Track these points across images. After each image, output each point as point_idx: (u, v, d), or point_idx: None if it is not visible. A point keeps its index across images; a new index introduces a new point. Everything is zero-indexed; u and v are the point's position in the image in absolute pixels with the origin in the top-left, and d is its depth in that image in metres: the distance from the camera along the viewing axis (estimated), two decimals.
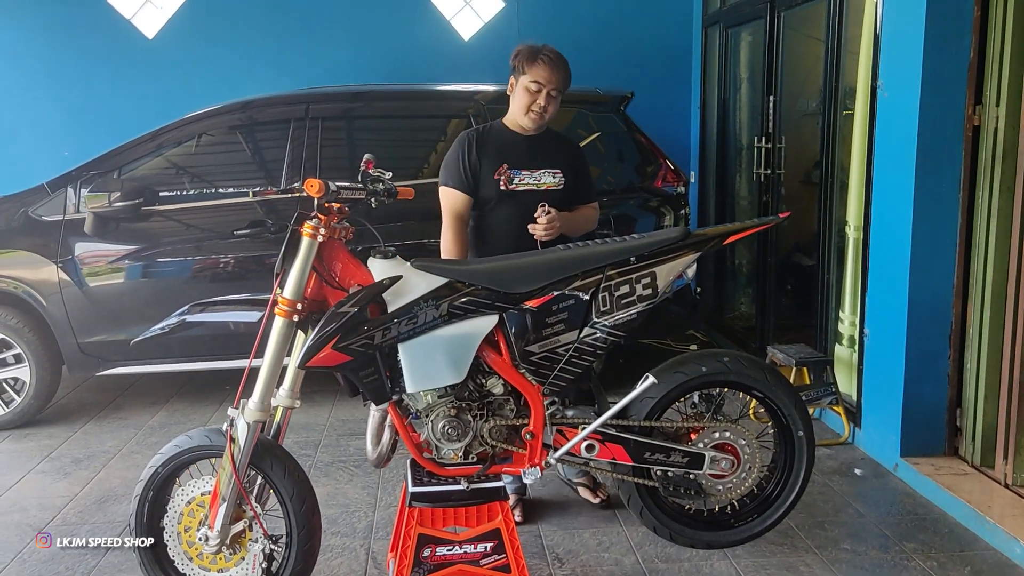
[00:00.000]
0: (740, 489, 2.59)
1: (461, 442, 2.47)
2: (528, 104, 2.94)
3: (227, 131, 4.56)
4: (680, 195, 4.72)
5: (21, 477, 3.75)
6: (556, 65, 2.92)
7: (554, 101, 2.95)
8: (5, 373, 4.33)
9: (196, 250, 4.37)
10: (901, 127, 3.52)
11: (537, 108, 2.94)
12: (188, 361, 4.36)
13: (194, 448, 2.49)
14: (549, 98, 2.93)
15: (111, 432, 4.30)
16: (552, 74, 2.91)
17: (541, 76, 2.90)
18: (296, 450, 3.96)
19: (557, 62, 2.92)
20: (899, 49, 3.53)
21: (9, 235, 4.38)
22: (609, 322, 2.44)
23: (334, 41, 6.16)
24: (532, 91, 2.92)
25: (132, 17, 6.05)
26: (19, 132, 6.04)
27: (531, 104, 2.94)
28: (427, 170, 4.62)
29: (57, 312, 4.28)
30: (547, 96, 2.93)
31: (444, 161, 3.05)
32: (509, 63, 2.99)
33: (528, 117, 2.96)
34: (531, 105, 2.94)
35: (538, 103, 2.93)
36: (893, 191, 3.61)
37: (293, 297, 2.36)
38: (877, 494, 3.50)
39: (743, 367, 2.54)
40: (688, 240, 2.48)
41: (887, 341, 3.71)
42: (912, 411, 3.60)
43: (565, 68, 2.95)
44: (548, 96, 2.93)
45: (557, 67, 2.92)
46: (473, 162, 2.97)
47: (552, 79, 2.91)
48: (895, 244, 3.61)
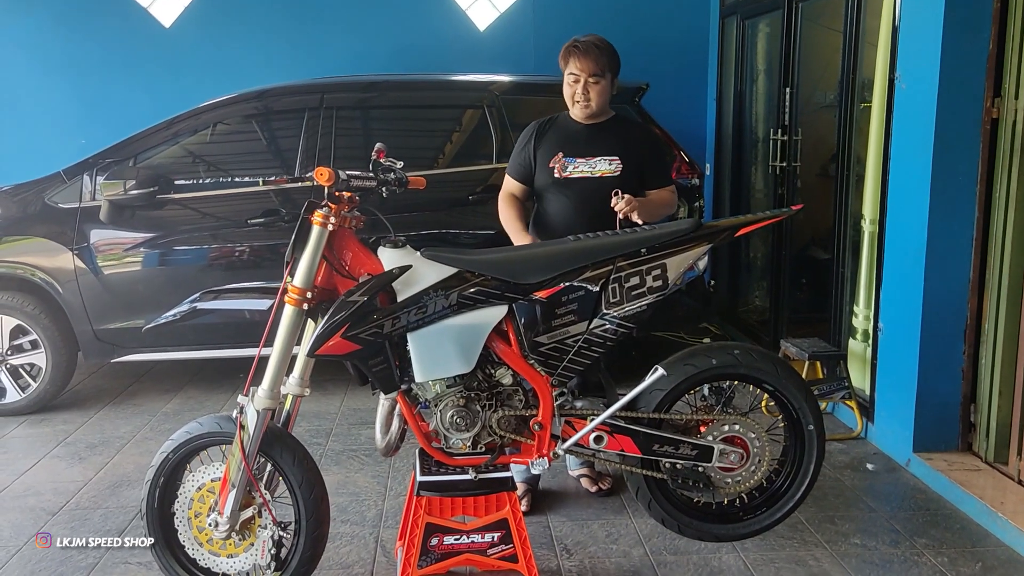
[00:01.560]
0: (749, 482, 2.58)
1: (470, 432, 2.47)
2: (571, 95, 3.00)
3: (242, 120, 4.58)
4: (695, 187, 4.69)
5: (36, 462, 3.79)
6: (587, 53, 2.94)
7: (595, 87, 2.97)
8: (21, 359, 4.37)
9: (211, 238, 4.38)
10: (918, 119, 3.49)
11: (579, 98, 2.98)
12: (202, 348, 4.37)
13: (205, 435, 2.51)
14: (589, 85, 2.96)
15: (125, 418, 4.34)
16: (584, 62, 2.94)
17: (575, 67, 2.96)
18: (308, 438, 3.99)
19: (588, 49, 2.95)
20: (917, 40, 3.49)
21: (26, 222, 4.41)
22: (619, 313, 2.43)
23: (350, 31, 6.15)
24: (571, 83, 2.99)
25: (149, 6, 6.07)
26: (37, 120, 6.07)
27: (573, 95, 2.99)
28: (441, 160, 4.64)
29: (73, 299, 4.32)
30: (586, 84, 2.96)
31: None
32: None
33: (575, 108, 3.02)
34: (574, 95, 2.99)
35: (578, 93, 2.98)
36: (909, 184, 3.58)
37: (303, 285, 2.37)
38: (889, 489, 3.48)
39: (753, 360, 2.53)
40: (699, 232, 2.46)
41: (901, 336, 3.68)
42: (925, 406, 3.57)
43: (597, 52, 2.95)
44: (587, 84, 2.96)
45: (588, 54, 2.94)
46: (531, 152, 3.08)
47: (585, 67, 2.94)
48: (911, 238, 3.58)
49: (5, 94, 6.07)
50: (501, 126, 4.47)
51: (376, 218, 2.60)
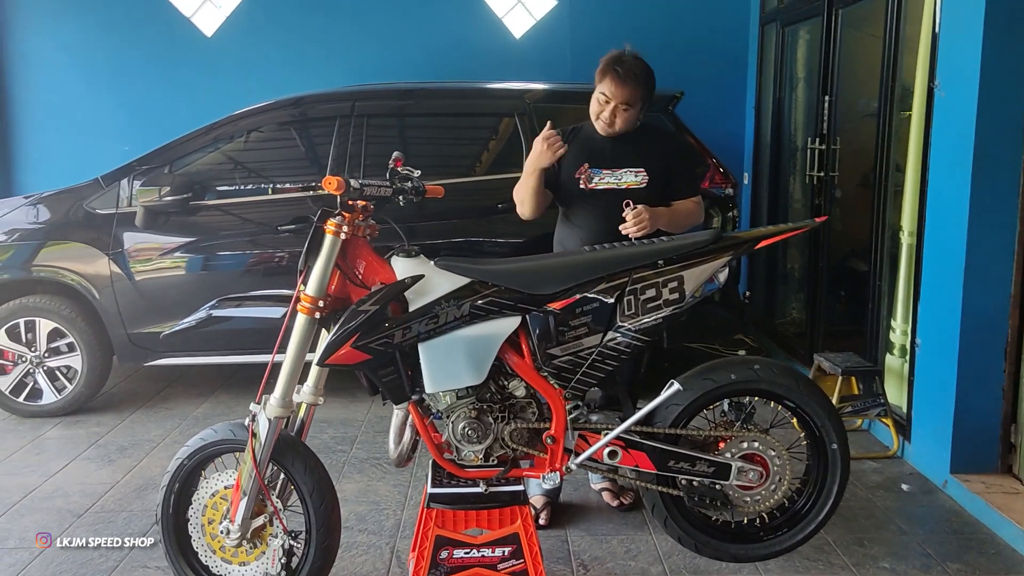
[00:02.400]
0: (769, 502, 2.50)
1: (481, 444, 2.44)
2: (597, 112, 2.94)
3: (277, 127, 4.63)
4: (728, 197, 4.61)
5: (67, 463, 3.85)
6: (625, 81, 2.85)
7: (624, 114, 2.90)
8: (58, 361, 4.46)
9: (241, 245, 4.43)
10: (958, 128, 3.38)
11: (604, 118, 2.92)
12: (232, 354, 4.42)
13: (218, 442, 2.51)
14: (618, 111, 2.89)
15: (157, 422, 4.40)
16: (619, 89, 2.86)
17: (608, 90, 2.89)
18: (332, 445, 4.00)
19: (627, 77, 2.85)
20: (957, 47, 3.39)
21: (66, 228, 4.50)
22: (634, 326, 2.38)
23: (387, 39, 6.19)
24: (600, 102, 2.93)
25: (192, 16, 6.18)
26: (82, 127, 6.21)
27: (599, 113, 2.93)
28: (470, 168, 4.63)
29: (108, 303, 4.39)
30: (615, 109, 2.89)
31: None
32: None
33: (597, 124, 2.96)
34: (599, 114, 2.93)
35: (604, 114, 2.92)
36: (948, 195, 3.47)
37: (315, 294, 2.37)
38: (923, 511, 3.37)
39: (774, 375, 2.45)
40: (719, 243, 2.40)
41: (939, 352, 3.56)
42: (964, 425, 3.45)
43: (636, 83, 2.87)
44: (615, 110, 2.89)
45: (627, 83, 2.85)
46: (555, 161, 2.98)
47: (619, 94, 2.87)
48: (949, 251, 3.46)
49: (52, 101, 6.23)
50: (532, 134, 4.44)
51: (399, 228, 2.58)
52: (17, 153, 6.32)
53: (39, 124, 6.27)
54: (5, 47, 6.20)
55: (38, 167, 6.29)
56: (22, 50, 6.20)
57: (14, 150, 6.31)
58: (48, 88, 6.23)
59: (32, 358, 4.42)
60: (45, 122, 6.26)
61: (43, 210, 4.57)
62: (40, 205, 4.59)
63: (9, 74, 6.22)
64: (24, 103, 6.25)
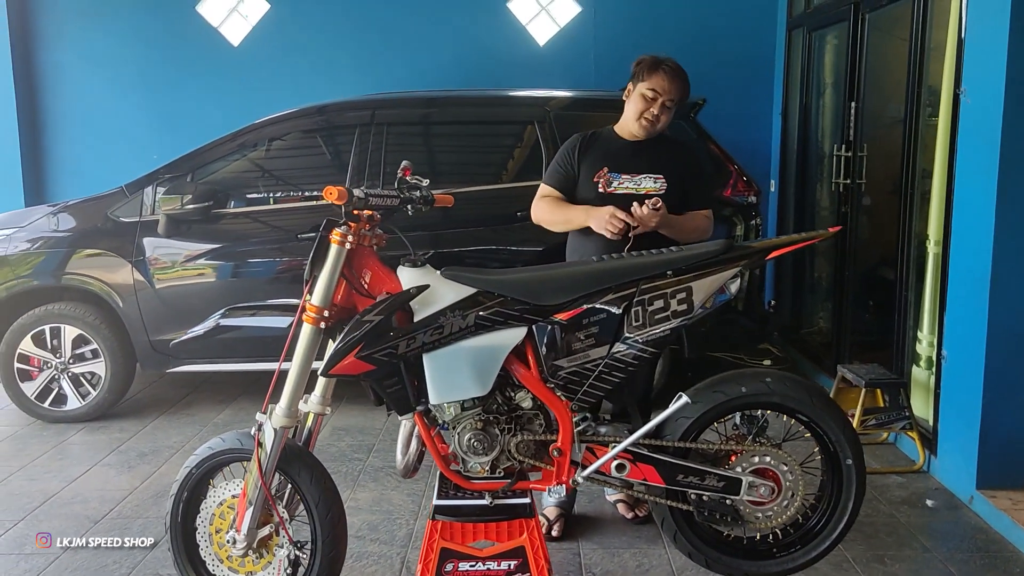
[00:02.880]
0: (782, 518, 2.45)
1: (488, 456, 2.41)
2: (642, 111, 2.94)
3: (297, 136, 4.65)
4: (751, 205, 4.55)
5: (88, 469, 3.89)
6: (676, 76, 2.91)
7: (667, 111, 2.94)
8: (83, 367, 4.51)
9: (262, 252, 4.46)
10: (984, 135, 3.30)
11: (650, 116, 2.93)
12: (252, 361, 4.43)
13: (226, 451, 2.52)
14: (663, 108, 2.92)
15: (178, 428, 4.43)
16: (670, 85, 2.90)
17: (659, 85, 2.90)
18: (349, 453, 4.00)
19: (677, 73, 2.92)
20: (983, 53, 3.31)
21: (92, 235, 4.56)
22: (641, 338, 2.34)
23: (411, 47, 6.21)
24: (648, 99, 2.92)
25: (219, 26, 6.25)
26: (112, 136, 6.32)
27: (644, 111, 2.93)
28: (489, 176, 4.62)
29: (131, 310, 4.44)
30: (661, 106, 2.92)
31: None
32: (631, 69, 3.01)
33: (639, 124, 2.95)
34: (644, 112, 2.93)
35: (651, 111, 2.92)
36: (974, 204, 3.38)
37: (321, 304, 2.36)
38: (948, 528, 3.28)
39: (786, 388, 2.40)
40: (729, 254, 2.36)
41: (965, 364, 3.47)
42: (990, 440, 3.36)
43: (684, 81, 2.94)
44: (662, 106, 2.92)
45: (677, 79, 2.91)
46: (574, 165, 3.02)
47: (669, 90, 2.90)
48: (975, 261, 3.38)
49: (82, 110, 6.34)
50: (552, 142, 4.42)
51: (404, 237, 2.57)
52: (49, 162, 6.44)
53: (70, 133, 6.39)
54: (38, 58, 6.32)
55: (70, 176, 6.40)
56: (55, 60, 6.32)
57: (46, 159, 6.43)
58: (79, 98, 6.34)
59: (57, 364, 4.48)
60: (76, 131, 6.38)
61: (70, 218, 4.63)
62: (67, 213, 4.65)
63: (42, 84, 6.34)
64: (56, 113, 6.37)
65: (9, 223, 4.70)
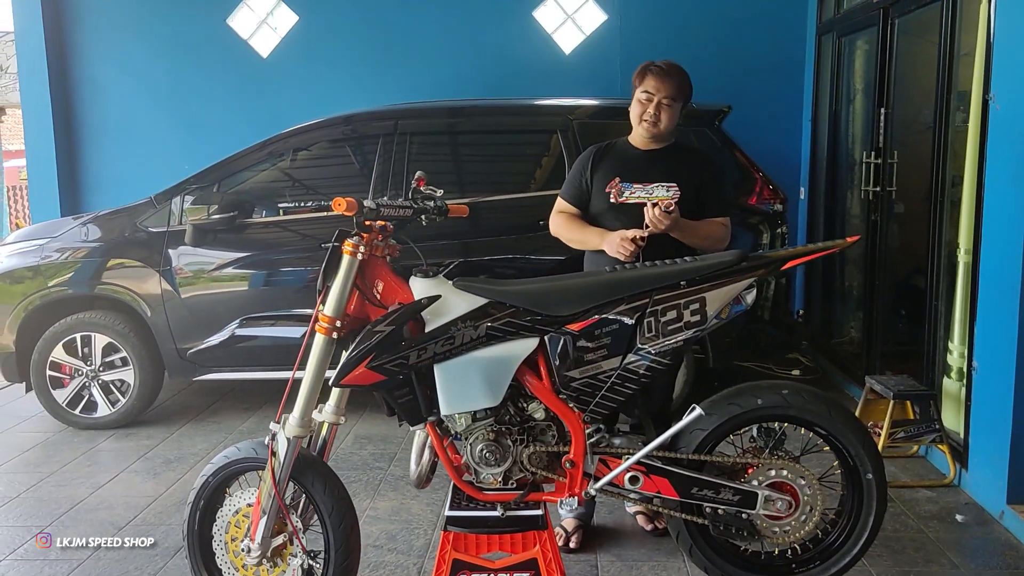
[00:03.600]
0: (800, 532, 2.40)
1: (500, 467, 2.40)
2: (640, 113, 2.95)
3: (322, 146, 4.69)
4: (777, 213, 4.49)
5: (115, 475, 3.95)
6: (666, 74, 2.92)
7: (667, 109, 2.93)
8: (112, 375, 4.58)
9: (289, 262, 4.49)
10: (1014, 141, 3.22)
11: (648, 117, 2.92)
12: (276, 369, 4.46)
13: (241, 460, 2.53)
14: (661, 107, 2.92)
15: (204, 435, 4.48)
16: (661, 83, 2.91)
17: (651, 86, 2.92)
18: (371, 462, 4.01)
19: (667, 71, 2.93)
20: (1012, 58, 3.23)
21: (122, 245, 4.63)
22: (654, 349, 2.32)
23: (437, 57, 6.24)
24: (643, 101, 2.94)
25: (249, 38, 6.33)
26: (146, 147, 6.43)
27: (642, 113, 2.94)
28: (512, 185, 4.61)
29: (159, 319, 4.50)
30: (658, 105, 2.91)
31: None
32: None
33: (642, 126, 2.96)
34: (642, 114, 2.94)
35: (648, 112, 2.92)
36: (1005, 211, 3.30)
37: (333, 315, 2.37)
38: (977, 544, 3.20)
39: (803, 401, 2.36)
40: (744, 264, 2.33)
41: (997, 375, 3.39)
42: (1022, 454, 3.26)
43: (678, 77, 2.93)
44: (660, 105, 2.91)
45: (667, 76, 2.91)
46: (587, 177, 3.03)
47: (661, 87, 2.90)
48: (1006, 270, 3.29)
49: (115, 120, 6.46)
50: (576, 150, 4.40)
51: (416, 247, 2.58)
52: (85, 173, 6.56)
53: (105, 145, 6.51)
54: (75, 72, 6.45)
55: (105, 186, 6.52)
56: (91, 74, 6.45)
57: (82, 170, 6.55)
58: (113, 110, 6.46)
59: (88, 372, 4.56)
60: (110, 143, 6.50)
61: (100, 229, 4.71)
62: (97, 224, 4.73)
63: (79, 98, 6.47)
64: (91, 125, 6.49)
65: (41, 233, 4.80)
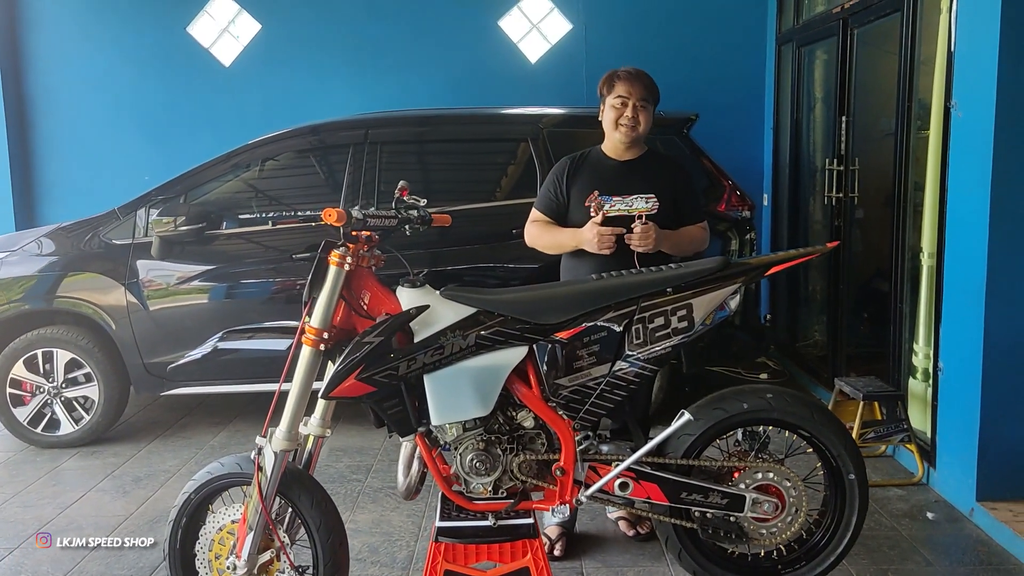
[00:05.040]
0: (786, 534, 2.44)
1: (490, 476, 2.40)
2: (615, 118, 2.97)
3: (291, 156, 4.64)
4: (745, 219, 4.56)
5: (83, 495, 3.85)
6: (635, 78, 2.96)
7: (644, 112, 2.97)
8: (75, 392, 4.47)
9: (257, 274, 4.44)
10: (976, 148, 3.32)
11: (626, 120, 2.95)
12: (247, 382, 4.41)
13: (225, 475, 2.49)
14: (636, 109, 2.95)
15: (173, 452, 4.40)
16: (632, 86, 2.95)
17: (623, 91, 2.95)
18: (348, 474, 3.97)
19: (636, 75, 2.97)
20: (973, 67, 3.33)
21: (84, 258, 4.53)
22: (643, 355, 2.34)
23: (404, 66, 6.22)
24: (617, 107, 2.96)
25: (210, 47, 6.25)
26: (104, 157, 6.30)
27: (618, 118, 2.96)
28: (483, 194, 4.61)
29: (124, 333, 4.41)
30: (634, 108, 2.95)
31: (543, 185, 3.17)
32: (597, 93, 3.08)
33: (620, 131, 2.98)
34: (619, 119, 2.96)
35: (626, 115, 2.95)
36: (968, 216, 3.40)
37: (320, 326, 2.35)
38: (949, 540, 3.27)
39: (787, 404, 2.40)
40: (727, 270, 2.36)
41: (963, 376, 3.48)
42: (990, 452, 3.36)
43: (646, 79, 2.98)
44: (635, 108, 2.95)
45: (636, 79, 2.96)
46: (563, 190, 3.03)
47: (633, 91, 2.95)
48: (970, 273, 3.39)
49: (72, 130, 6.33)
50: (546, 159, 4.43)
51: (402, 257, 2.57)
52: (40, 185, 6.41)
53: (62, 156, 6.36)
54: (30, 80, 6.31)
55: (61, 198, 6.38)
56: (46, 83, 6.30)
57: (37, 182, 6.40)
58: (70, 120, 6.32)
59: (50, 389, 4.45)
60: (67, 154, 6.36)
61: (62, 241, 4.60)
62: (59, 236, 4.63)
63: (33, 107, 6.32)
64: (47, 136, 6.35)
65: (0, 247, 4.68)
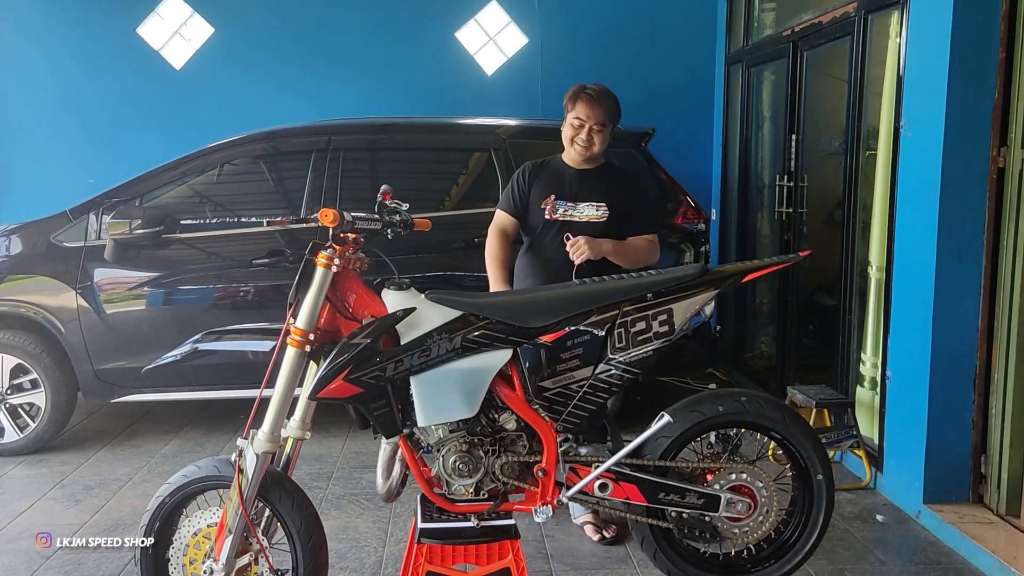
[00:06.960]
0: (757, 533, 2.53)
1: (472, 478, 2.43)
2: (572, 137, 3.09)
3: (250, 161, 4.60)
4: (700, 232, 4.69)
5: (32, 504, 3.73)
6: (597, 102, 3.05)
7: (599, 134, 3.08)
8: (21, 398, 4.34)
9: (216, 278, 4.38)
10: (924, 167, 3.48)
11: (581, 141, 3.08)
12: (204, 389, 4.34)
13: (202, 478, 2.46)
14: (592, 132, 3.06)
15: (124, 460, 4.29)
16: (592, 110, 3.05)
17: (582, 112, 3.06)
18: (308, 482, 3.93)
19: (598, 98, 3.06)
20: (923, 89, 3.50)
21: (31, 261, 4.41)
22: (625, 359, 2.40)
23: (360, 74, 6.23)
24: (575, 126, 3.08)
25: (161, 49, 6.15)
26: (49, 159, 6.13)
27: (574, 137, 3.08)
28: (447, 202, 4.65)
29: (74, 338, 4.30)
30: (589, 131, 3.06)
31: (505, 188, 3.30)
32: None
33: (574, 148, 3.11)
34: (575, 137, 3.08)
35: (580, 137, 3.07)
36: (916, 231, 3.56)
37: (305, 327, 2.35)
38: (899, 542, 3.41)
39: (760, 407, 2.49)
40: (705, 277, 2.44)
41: (910, 384, 3.64)
42: (935, 457, 3.52)
43: (608, 103, 3.08)
44: (591, 131, 3.06)
45: (598, 103, 3.05)
46: (524, 190, 3.17)
47: (592, 115, 3.05)
48: (918, 285, 3.55)
49: (19, 132, 6.15)
50: (508, 169, 4.48)
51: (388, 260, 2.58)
52: None
53: (4, 157, 6.16)
54: None
55: (5, 199, 6.16)
56: None
57: None
58: (14, 121, 6.14)
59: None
60: (13, 155, 6.17)
61: (8, 243, 4.46)
62: (5, 238, 4.49)
63: None
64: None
65: None
